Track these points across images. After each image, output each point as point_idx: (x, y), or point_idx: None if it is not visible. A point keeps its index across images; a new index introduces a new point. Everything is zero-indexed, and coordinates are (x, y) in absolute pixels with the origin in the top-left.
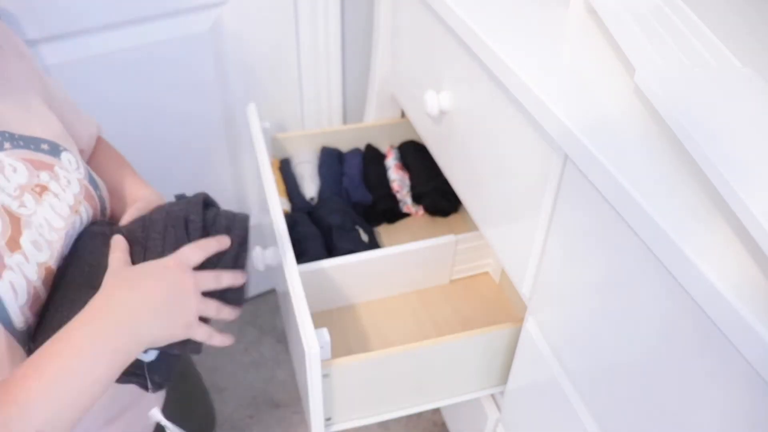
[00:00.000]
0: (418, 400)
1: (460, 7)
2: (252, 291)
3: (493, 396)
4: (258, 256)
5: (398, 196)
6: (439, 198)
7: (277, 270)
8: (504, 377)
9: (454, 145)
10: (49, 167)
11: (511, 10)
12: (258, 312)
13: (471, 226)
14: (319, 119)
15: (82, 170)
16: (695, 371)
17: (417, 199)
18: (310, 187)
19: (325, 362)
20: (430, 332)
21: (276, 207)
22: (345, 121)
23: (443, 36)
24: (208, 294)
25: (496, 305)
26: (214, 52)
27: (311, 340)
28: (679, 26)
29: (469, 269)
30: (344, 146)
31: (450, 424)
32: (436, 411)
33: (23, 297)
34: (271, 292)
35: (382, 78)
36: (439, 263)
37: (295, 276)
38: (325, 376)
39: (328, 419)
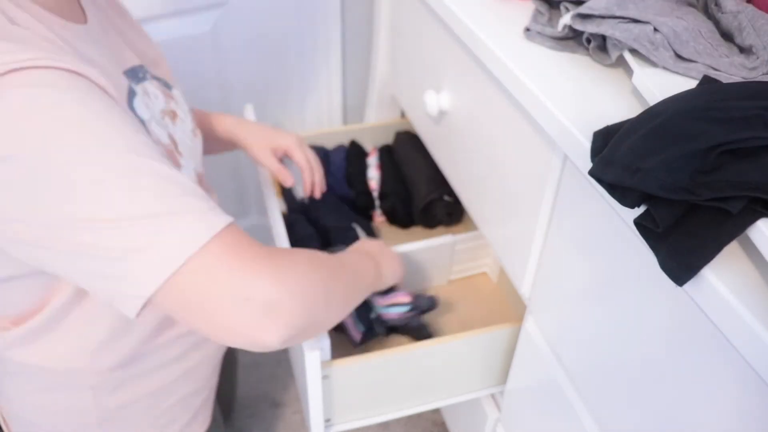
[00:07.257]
0: (417, 401)
1: (460, 7)
2: None
3: (492, 396)
4: None
5: (374, 194)
6: (399, 204)
7: None
8: (503, 377)
9: (453, 145)
10: (171, 98)
11: (511, 10)
12: None
13: (469, 226)
14: (319, 120)
15: (186, 102)
16: (695, 371)
17: (382, 203)
18: (298, 188)
19: (324, 364)
20: None
21: (274, 210)
22: (345, 121)
23: (443, 36)
24: None
25: (494, 305)
26: (214, 52)
27: (311, 342)
28: None
29: (467, 269)
30: None
31: (450, 424)
32: (436, 411)
33: None
34: None
35: (382, 78)
36: (438, 264)
37: None
38: (324, 377)
39: (327, 420)
